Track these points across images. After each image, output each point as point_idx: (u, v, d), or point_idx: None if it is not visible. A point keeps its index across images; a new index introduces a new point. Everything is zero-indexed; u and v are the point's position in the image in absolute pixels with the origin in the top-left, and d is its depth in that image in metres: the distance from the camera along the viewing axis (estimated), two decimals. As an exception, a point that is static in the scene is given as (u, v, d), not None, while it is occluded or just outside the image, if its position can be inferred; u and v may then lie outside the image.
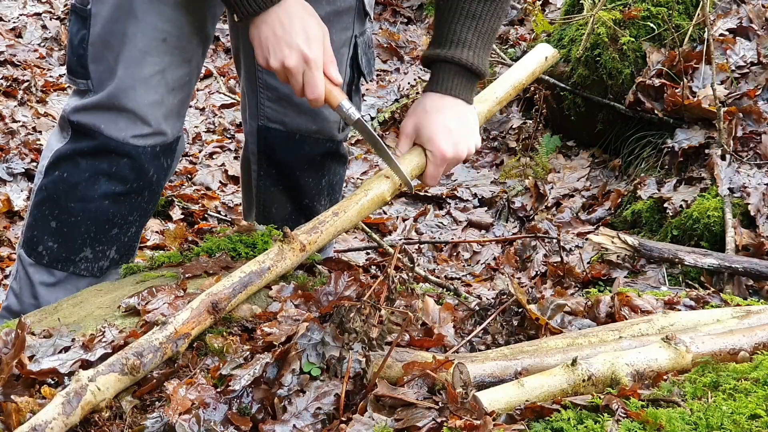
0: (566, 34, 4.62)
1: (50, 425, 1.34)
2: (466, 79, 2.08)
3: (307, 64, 1.90)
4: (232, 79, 5.67)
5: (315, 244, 1.88)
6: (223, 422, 1.47)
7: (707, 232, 3.35)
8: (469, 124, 2.10)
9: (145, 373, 1.52)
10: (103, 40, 2.12)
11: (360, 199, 1.96)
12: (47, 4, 6.12)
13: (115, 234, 2.24)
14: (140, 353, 1.51)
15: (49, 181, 2.21)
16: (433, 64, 2.11)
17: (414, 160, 2.06)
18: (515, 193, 4.41)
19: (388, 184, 2.00)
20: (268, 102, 2.44)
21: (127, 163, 2.17)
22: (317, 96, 1.93)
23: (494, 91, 2.23)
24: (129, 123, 2.14)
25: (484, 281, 3.73)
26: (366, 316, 1.58)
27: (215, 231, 2.67)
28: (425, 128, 2.06)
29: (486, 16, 2.07)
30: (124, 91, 2.11)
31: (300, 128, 2.44)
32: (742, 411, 1.41)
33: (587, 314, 1.91)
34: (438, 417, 1.41)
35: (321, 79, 1.92)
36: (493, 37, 2.11)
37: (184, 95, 2.22)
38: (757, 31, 4.22)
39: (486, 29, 2.07)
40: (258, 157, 2.54)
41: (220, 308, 1.66)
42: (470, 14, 2.06)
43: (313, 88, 1.92)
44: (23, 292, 2.28)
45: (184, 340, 1.59)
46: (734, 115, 3.74)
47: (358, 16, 2.37)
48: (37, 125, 4.66)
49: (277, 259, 1.80)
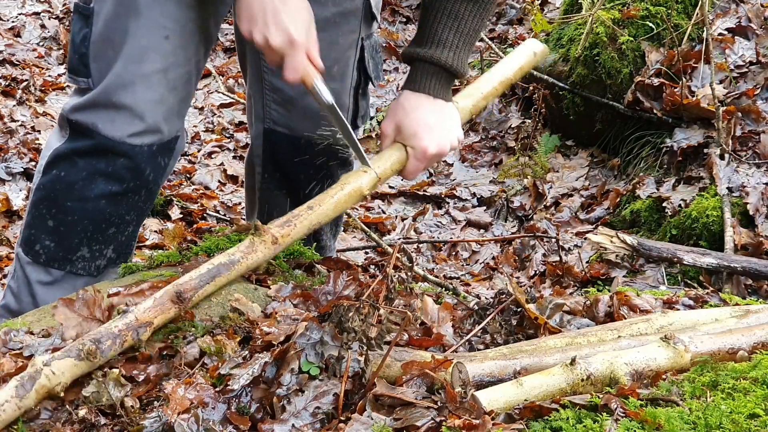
0: (565, 33, 4.62)
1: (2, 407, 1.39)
2: (444, 79, 2.10)
3: (292, 46, 1.93)
4: (231, 78, 5.67)
5: (288, 237, 1.88)
6: (222, 422, 1.46)
7: (706, 232, 3.35)
8: (448, 119, 2.12)
9: (103, 360, 1.54)
10: (105, 37, 2.11)
11: (336, 192, 1.98)
12: (46, 3, 6.12)
13: (112, 233, 2.24)
14: (98, 340, 1.53)
15: (47, 180, 2.21)
16: (412, 63, 2.12)
17: (394, 154, 2.08)
18: (514, 192, 4.41)
19: (366, 178, 2.01)
20: (274, 104, 2.44)
21: (124, 162, 2.16)
22: (296, 78, 1.97)
23: (479, 87, 2.24)
24: (126, 120, 2.13)
25: (482, 281, 3.73)
26: (365, 316, 1.58)
27: (214, 230, 2.67)
28: (406, 126, 2.08)
29: (468, 17, 2.08)
30: (123, 87, 2.11)
31: (305, 132, 2.44)
32: (740, 410, 1.41)
33: (586, 314, 1.91)
34: (437, 416, 1.41)
35: (303, 62, 1.95)
36: (475, 37, 2.12)
37: (184, 94, 2.22)
38: (755, 30, 4.22)
39: (467, 30, 2.08)
40: (263, 159, 2.54)
41: (185, 298, 1.66)
42: (452, 14, 2.07)
43: (293, 71, 1.96)
44: (21, 291, 2.28)
45: (146, 329, 1.60)
46: (733, 115, 3.75)
47: (365, 18, 2.36)
48: (35, 124, 4.66)
49: (248, 251, 1.81)
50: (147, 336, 1.60)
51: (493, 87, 2.24)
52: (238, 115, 5.24)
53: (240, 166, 4.69)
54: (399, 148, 2.09)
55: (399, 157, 2.08)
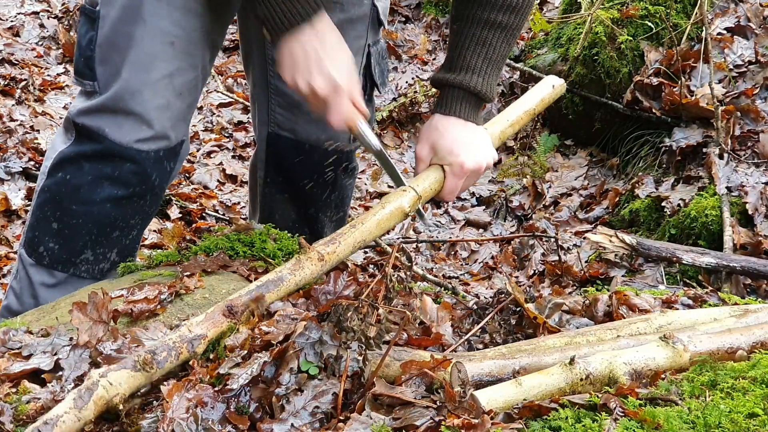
0: (564, 33, 4.63)
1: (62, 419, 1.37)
2: (473, 103, 2.14)
3: (336, 92, 1.94)
4: (230, 78, 5.67)
5: (335, 254, 1.89)
6: (221, 421, 1.46)
7: (705, 231, 3.36)
8: (481, 139, 2.16)
9: (161, 372, 1.52)
10: (111, 42, 2.11)
11: (378, 211, 1.99)
12: (45, 2, 6.11)
13: (116, 237, 2.24)
14: (153, 351, 1.52)
15: (52, 182, 2.21)
16: (442, 87, 2.16)
17: (432, 174, 2.12)
18: (513, 192, 4.41)
19: (407, 197, 2.04)
20: (279, 108, 2.43)
21: (131, 167, 2.16)
22: (341, 123, 1.98)
23: (506, 116, 2.33)
24: (134, 127, 2.13)
25: (482, 280, 3.73)
26: (364, 315, 1.58)
27: (213, 230, 2.66)
28: (441, 146, 2.11)
29: (496, 43, 2.13)
30: (131, 94, 2.11)
31: (310, 137, 2.44)
32: (740, 410, 1.41)
33: (585, 313, 1.91)
34: (436, 416, 1.41)
35: (348, 107, 1.96)
36: (502, 62, 2.17)
37: (191, 100, 2.22)
38: (755, 29, 4.22)
39: (495, 56, 2.13)
40: (266, 163, 2.53)
41: (236, 312, 1.67)
42: (480, 41, 2.12)
43: (339, 115, 1.97)
44: (23, 291, 2.28)
45: (201, 341, 1.60)
46: (732, 114, 3.75)
47: (372, 24, 2.37)
48: (34, 124, 4.65)
49: (294, 269, 1.82)
50: (202, 349, 1.60)
51: (518, 116, 2.34)
52: (237, 114, 5.24)
53: (239, 165, 4.69)
54: (436, 169, 2.13)
55: (437, 177, 2.12)
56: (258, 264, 2.04)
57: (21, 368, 1.59)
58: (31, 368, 1.59)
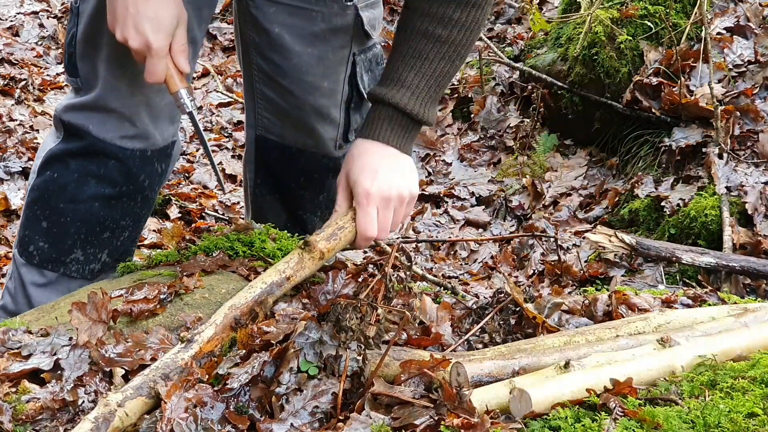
0: (563, 32, 4.63)
1: None
2: (399, 125, 1.91)
3: (149, 52, 1.88)
4: (230, 77, 5.67)
5: (333, 251, 1.88)
6: (220, 421, 1.46)
7: (704, 231, 3.36)
8: (399, 170, 1.92)
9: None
10: (88, 38, 2.09)
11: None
12: (44, 2, 6.11)
13: (106, 237, 2.23)
14: (166, 375, 1.52)
15: (41, 181, 2.21)
16: (372, 105, 1.96)
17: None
18: (513, 191, 4.41)
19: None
20: (265, 113, 2.41)
21: (115, 165, 2.15)
22: (154, 82, 1.93)
23: None
24: (116, 124, 2.13)
25: (481, 280, 3.73)
26: (363, 315, 1.57)
27: (213, 230, 2.66)
28: (351, 173, 1.91)
29: (433, 58, 1.89)
30: (109, 91, 2.10)
31: (297, 142, 2.42)
32: (739, 409, 1.41)
33: (584, 313, 1.91)
34: (435, 415, 1.41)
35: (161, 68, 1.91)
36: (443, 82, 1.92)
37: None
38: (754, 29, 4.22)
39: (432, 72, 1.89)
40: (255, 165, 2.52)
41: (242, 324, 1.67)
42: (416, 54, 1.89)
43: (152, 75, 1.92)
44: (17, 292, 2.28)
45: (209, 359, 1.60)
46: (731, 114, 3.75)
47: (356, 35, 2.29)
48: (34, 124, 4.66)
49: (297, 267, 1.80)
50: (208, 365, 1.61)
51: None
52: (237, 114, 5.24)
53: (239, 165, 4.68)
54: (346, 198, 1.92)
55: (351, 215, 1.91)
56: (257, 264, 2.04)
57: (20, 368, 1.58)
58: (31, 368, 1.59)
